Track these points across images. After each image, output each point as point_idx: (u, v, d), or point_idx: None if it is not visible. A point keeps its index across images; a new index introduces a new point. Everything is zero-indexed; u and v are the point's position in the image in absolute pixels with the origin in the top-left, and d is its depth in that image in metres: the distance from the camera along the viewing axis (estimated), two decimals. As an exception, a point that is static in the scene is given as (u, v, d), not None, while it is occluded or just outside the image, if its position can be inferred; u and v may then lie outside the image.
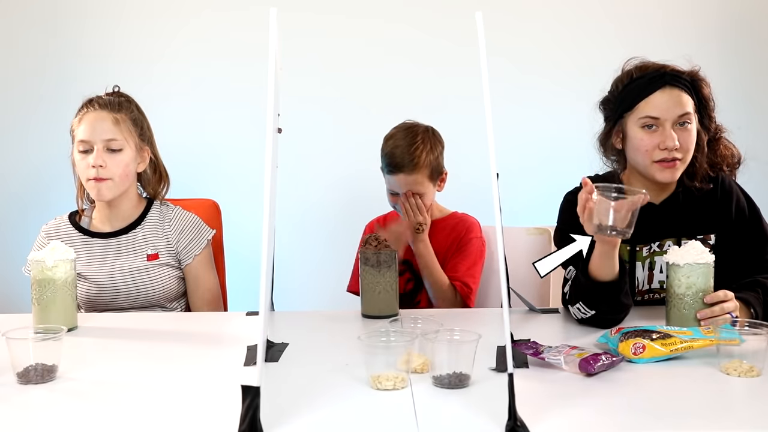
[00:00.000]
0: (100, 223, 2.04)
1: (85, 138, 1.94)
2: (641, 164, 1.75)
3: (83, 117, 1.96)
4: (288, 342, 1.55)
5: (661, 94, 1.72)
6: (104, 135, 1.93)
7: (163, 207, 2.08)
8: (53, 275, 1.65)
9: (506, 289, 1.36)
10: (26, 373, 1.29)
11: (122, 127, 1.95)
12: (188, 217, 2.07)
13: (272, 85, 1.13)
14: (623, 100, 1.77)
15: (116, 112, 1.96)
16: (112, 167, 1.94)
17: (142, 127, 2.02)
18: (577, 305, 1.64)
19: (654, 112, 1.71)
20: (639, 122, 1.73)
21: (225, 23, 2.88)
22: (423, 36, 2.91)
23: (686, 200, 1.80)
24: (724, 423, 1.13)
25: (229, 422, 1.07)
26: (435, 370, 1.28)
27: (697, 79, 1.76)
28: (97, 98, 1.99)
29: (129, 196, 2.03)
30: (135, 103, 2.05)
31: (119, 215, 2.03)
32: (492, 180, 1.14)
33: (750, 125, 1.80)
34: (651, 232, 1.79)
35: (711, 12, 2.96)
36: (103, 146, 1.93)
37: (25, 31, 2.88)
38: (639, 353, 1.34)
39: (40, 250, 1.70)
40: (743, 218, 1.80)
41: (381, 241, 1.83)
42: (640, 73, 1.77)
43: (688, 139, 1.72)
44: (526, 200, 2.83)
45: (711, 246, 1.77)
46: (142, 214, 2.05)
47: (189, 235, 2.05)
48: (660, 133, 1.71)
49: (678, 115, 1.71)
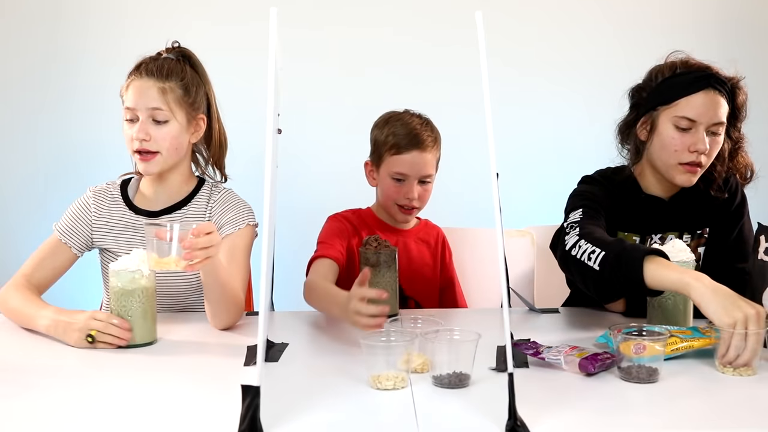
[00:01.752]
0: (146, 198, 1.88)
1: (131, 105, 1.77)
2: (665, 163, 1.73)
3: (131, 83, 1.79)
4: (288, 342, 1.55)
5: (703, 96, 1.68)
6: (149, 104, 1.76)
7: (213, 188, 1.90)
8: (146, 284, 1.52)
9: (506, 289, 1.36)
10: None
11: (169, 97, 1.77)
12: (233, 197, 1.89)
13: (272, 85, 1.13)
14: (662, 92, 1.73)
15: (163, 81, 1.77)
16: (158, 140, 1.76)
17: (196, 93, 1.83)
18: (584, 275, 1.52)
19: (692, 113, 1.68)
20: (674, 120, 1.70)
21: (225, 23, 2.88)
22: (422, 37, 2.91)
23: (694, 197, 1.80)
24: (723, 422, 1.13)
25: (229, 422, 1.07)
26: (435, 369, 1.28)
27: (736, 86, 1.74)
28: (146, 63, 1.81)
29: (180, 170, 1.86)
30: (193, 62, 1.86)
31: (166, 190, 1.86)
32: (492, 180, 1.14)
33: (750, 125, 1.79)
34: (658, 225, 1.80)
35: (711, 12, 2.96)
36: (148, 115, 1.76)
37: (26, 30, 2.88)
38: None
39: (124, 258, 1.55)
40: (736, 215, 1.81)
41: (381, 241, 1.83)
42: (684, 68, 1.72)
43: (714, 147, 1.71)
44: (525, 201, 2.83)
45: (705, 239, 1.79)
46: (192, 193, 1.88)
47: (227, 214, 1.84)
48: (692, 135, 1.68)
49: (713, 123, 1.69)
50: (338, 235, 1.92)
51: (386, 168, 1.95)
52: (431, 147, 1.94)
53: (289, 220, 2.73)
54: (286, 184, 2.61)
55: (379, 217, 2.04)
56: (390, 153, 1.94)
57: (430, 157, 1.94)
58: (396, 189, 1.95)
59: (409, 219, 2.04)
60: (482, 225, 2.33)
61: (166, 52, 1.84)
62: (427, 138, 1.93)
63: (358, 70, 2.92)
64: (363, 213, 2.04)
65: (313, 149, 2.91)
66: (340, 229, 1.95)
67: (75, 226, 1.83)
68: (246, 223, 1.84)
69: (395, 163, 1.93)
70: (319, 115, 2.92)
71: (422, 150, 1.92)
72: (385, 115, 2.01)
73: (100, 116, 2.80)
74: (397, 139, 1.93)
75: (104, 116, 2.62)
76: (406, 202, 1.95)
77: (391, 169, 1.94)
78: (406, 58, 2.91)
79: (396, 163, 1.93)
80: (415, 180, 1.93)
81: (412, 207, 1.96)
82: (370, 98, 2.91)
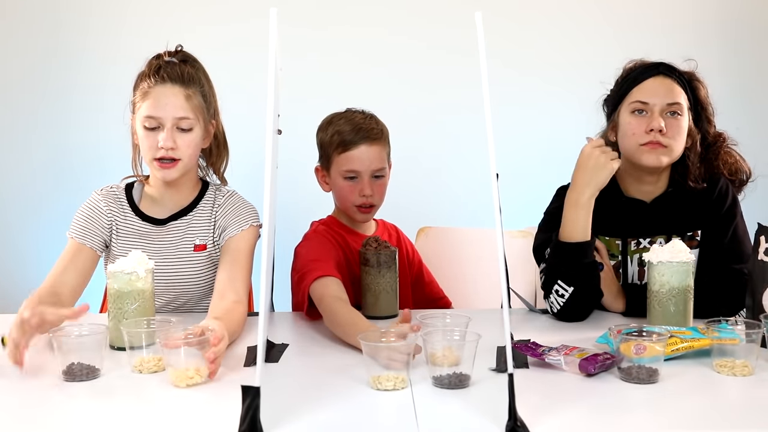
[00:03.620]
0: (153, 203, 1.84)
1: (155, 114, 1.70)
2: (629, 149, 1.76)
3: (151, 90, 1.72)
4: (288, 343, 1.56)
5: (653, 81, 1.75)
6: (176, 113, 1.71)
7: (218, 191, 1.87)
8: (142, 286, 1.51)
9: (506, 289, 1.36)
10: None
11: (194, 104, 1.73)
12: (237, 199, 1.86)
13: (272, 86, 1.13)
14: (618, 91, 1.81)
15: (187, 87, 1.73)
16: (182, 147, 1.72)
17: (211, 98, 1.81)
18: (556, 286, 1.69)
19: (643, 97, 1.74)
20: (629, 107, 1.76)
21: (224, 23, 2.88)
22: (422, 37, 2.91)
23: (678, 199, 1.81)
24: (723, 422, 1.14)
25: (229, 422, 1.07)
26: (435, 370, 1.28)
27: (694, 78, 1.78)
28: (165, 67, 1.74)
29: (190, 176, 1.83)
30: (202, 68, 1.82)
31: (175, 196, 1.83)
32: (492, 181, 1.14)
33: (750, 125, 1.80)
34: (642, 228, 1.81)
35: (711, 12, 2.96)
36: (173, 125, 1.71)
37: (26, 30, 2.88)
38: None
39: (120, 260, 1.53)
40: (728, 215, 1.81)
41: (381, 241, 1.83)
42: (637, 65, 1.81)
43: (676, 127, 1.73)
44: (525, 201, 2.83)
45: (698, 242, 1.79)
46: (197, 198, 1.85)
47: (231, 216, 1.82)
48: (647, 118, 1.73)
49: (667, 103, 1.73)
50: (328, 251, 1.84)
51: (337, 168, 1.90)
52: (379, 139, 1.89)
53: (289, 221, 2.73)
54: (285, 185, 2.61)
55: (343, 222, 1.98)
56: (338, 152, 1.88)
57: (379, 149, 1.89)
58: (350, 188, 1.89)
59: (369, 218, 1.98)
60: (482, 225, 2.34)
61: (169, 55, 1.79)
62: (373, 130, 1.88)
63: (358, 70, 2.91)
64: (328, 222, 1.99)
65: (313, 149, 2.91)
66: (322, 243, 1.88)
67: (90, 226, 1.79)
68: (249, 224, 1.82)
69: (345, 161, 1.88)
70: (318, 115, 2.91)
71: (370, 143, 1.87)
72: (328, 117, 1.97)
73: (99, 115, 2.80)
74: (342, 136, 1.88)
75: (103, 115, 2.62)
76: (363, 200, 1.88)
77: (341, 168, 1.89)
78: (406, 58, 2.91)
79: (345, 160, 1.88)
80: (367, 176, 1.88)
81: (370, 205, 1.90)
82: (371, 98, 2.91)
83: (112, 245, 1.82)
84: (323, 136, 1.94)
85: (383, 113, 2.01)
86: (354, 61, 2.91)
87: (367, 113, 1.95)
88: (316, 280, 1.71)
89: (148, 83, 1.73)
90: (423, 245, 2.31)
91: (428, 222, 2.43)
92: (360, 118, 1.91)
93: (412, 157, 2.72)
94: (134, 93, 1.77)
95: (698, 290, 1.61)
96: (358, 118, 1.91)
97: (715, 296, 1.68)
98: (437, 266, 2.22)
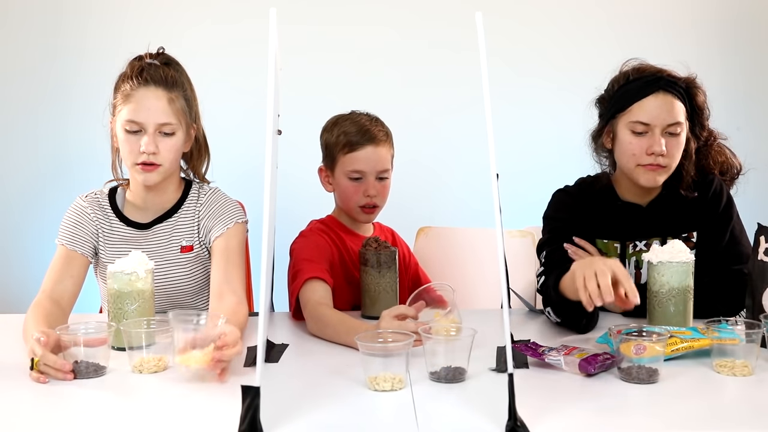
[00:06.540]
0: (136, 208, 1.81)
1: (137, 119, 1.67)
2: (627, 167, 1.77)
3: (133, 93, 1.69)
4: (288, 343, 1.56)
5: (654, 100, 1.72)
6: (159, 118, 1.68)
7: (200, 189, 1.84)
8: (142, 286, 1.51)
9: (506, 290, 1.36)
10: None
11: (176, 107, 1.70)
12: (219, 196, 1.83)
13: (272, 86, 1.13)
14: (617, 100, 1.78)
15: (170, 90, 1.70)
16: (164, 152, 1.70)
17: (193, 102, 1.78)
18: (548, 309, 1.69)
19: (645, 117, 1.72)
20: (629, 126, 1.74)
21: (224, 22, 2.88)
22: (422, 37, 2.91)
23: (673, 201, 1.81)
24: (723, 423, 1.14)
25: (229, 422, 1.07)
26: (431, 365, 1.29)
27: (692, 86, 1.77)
28: (148, 69, 1.71)
29: (172, 180, 1.80)
30: (184, 71, 1.78)
31: (157, 199, 1.80)
32: (492, 181, 1.14)
33: (750, 126, 1.79)
34: (638, 231, 1.81)
35: (711, 12, 2.96)
36: (155, 129, 1.68)
37: (26, 29, 2.88)
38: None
39: (120, 260, 1.52)
40: (725, 217, 1.81)
41: (381, 242, 1.83)
42: (636, 75, 1.77)
43: (675, 147, 1.73)
44: (525, 201, 2.83)
45: (693, 243, 1.79)
46: (180, 199, 1.82)
47: (215, 215, 1.79)
48: (648, 138, 1.72)
49: (668, 123, 1.72)
50: (321, 250, 1.85)
51: (342, 168, 1.91)
52: (384, 141, 1.91)
53: (289, 221, 2.73)
54: (285, 184, 2.61)
55: (343, 223, 1.98)
56: (344, 152, 1.90)
57: (384, 151, 1.91)
58: (354, 189, 1.90)
59: (371, 219, 1.98)
60: (482, 225, 2.33)
61: (151, 57, 1.75)
62: (379, 132, 1.91)
63: (358, 70, 2.91)
64: (327, 221, 1.99)
65: (313, 149, 2.91)
66: (316, 240, 1.89)
67: (79, 232, 1.76)
68: (235, 222, 1.79)
69: (350, 161, 1.89)
70: (319, 115, 2.91)
71: (376, 145, 1.89)
72: (333, 118, 1.98)
73: (99, 115, 2.79)
74: (349, 137, 1.89)
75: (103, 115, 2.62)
76: (367, 201, 1.90)
77: (346, 169, 1.90)
78: (406, 58, 2.91)
79: (351, 161, 1.89)
80: (372, 176, 1.89)
81: (373, 205, 1.91)
82: (371, 98, 2.90)
83: (100, 252, 1.79)
84: (328, 136, 1.95)
85: (383, 113, 2.01)
86: (354, 60, 2.91)
87: (372, 116, 1.97)
88: (304, 284, 1.72)
89: (131, 85, 1.70)
90: (423, 245, 2.31)
91: (428, 222, 2.43)
92: (365, 120, 1.94)
93: (412, 157, 2.72)
94: (115, 95, 1.73)
95: (697, 291, 1.61)
96: (363, 120, 1.93)
97: (715, 296, 1.68)
98: (437, 266, 2.22)
